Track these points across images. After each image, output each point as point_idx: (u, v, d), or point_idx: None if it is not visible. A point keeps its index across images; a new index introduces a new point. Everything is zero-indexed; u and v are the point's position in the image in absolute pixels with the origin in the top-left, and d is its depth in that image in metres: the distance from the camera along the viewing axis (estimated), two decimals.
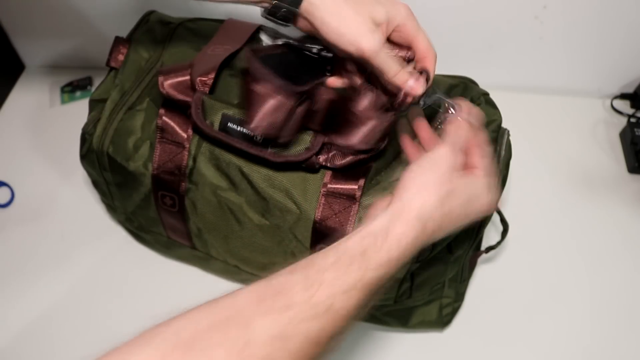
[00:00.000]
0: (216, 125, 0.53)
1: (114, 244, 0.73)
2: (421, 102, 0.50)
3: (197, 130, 0.55)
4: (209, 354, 0.31)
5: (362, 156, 0.51)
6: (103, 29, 0.88)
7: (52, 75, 0.94)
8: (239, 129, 0.52)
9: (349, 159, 0.51)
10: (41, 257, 0.72)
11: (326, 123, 0.51)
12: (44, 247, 0.73)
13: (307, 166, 0.52)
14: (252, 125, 0.49)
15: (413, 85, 0.47)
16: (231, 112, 0.52)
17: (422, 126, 0.50)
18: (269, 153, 0.51)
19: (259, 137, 0.51)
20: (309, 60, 0.56)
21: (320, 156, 0.52)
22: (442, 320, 0.63)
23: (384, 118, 0.48)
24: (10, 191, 0.79)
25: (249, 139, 0.51)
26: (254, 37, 0.60)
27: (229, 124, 0.52)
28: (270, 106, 0.47)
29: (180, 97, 0.54)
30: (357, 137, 0.49)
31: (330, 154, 0.51)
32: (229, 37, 0.59)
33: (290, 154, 0.51)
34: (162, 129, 0.56)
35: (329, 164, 0.52)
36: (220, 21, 0.63)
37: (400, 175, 0.43)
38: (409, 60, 0.50)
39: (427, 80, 0.48)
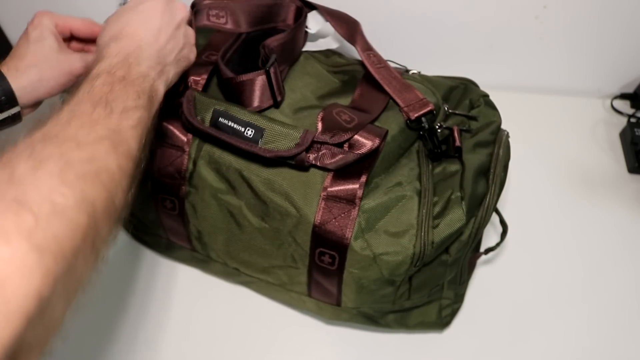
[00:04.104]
0: (207, 122, 0.53)
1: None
2: None
3: (188, 126, 0.54)
4: None
5: (352, 155, 0.51)
6: None
7: None
8: (229, 124, 0.51)
9: (338, 157, 0.51)
10: None
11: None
12: None
13: (297, 163, 0.51)
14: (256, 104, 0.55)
15: None
16: (222, 107, 0.52)
17: None
18: (259, 148, 0.50)
19: (249, 133, 0.51)
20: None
21: (310, 154, 0.51)
22: (442, 321, 0.63)
23: None
24: None
25: (239, 134, 0.51)
26: None
27: (220, 119, 0.52)
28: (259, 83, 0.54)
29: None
30: None
31: (320, 153, 0.51)
32: (223, 44, 0.59)
33: (281, 149, 0.50)
34: (162, 133, 0.56)
35: (318, 163, 0.51)
36: None
37: None
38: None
39: None
